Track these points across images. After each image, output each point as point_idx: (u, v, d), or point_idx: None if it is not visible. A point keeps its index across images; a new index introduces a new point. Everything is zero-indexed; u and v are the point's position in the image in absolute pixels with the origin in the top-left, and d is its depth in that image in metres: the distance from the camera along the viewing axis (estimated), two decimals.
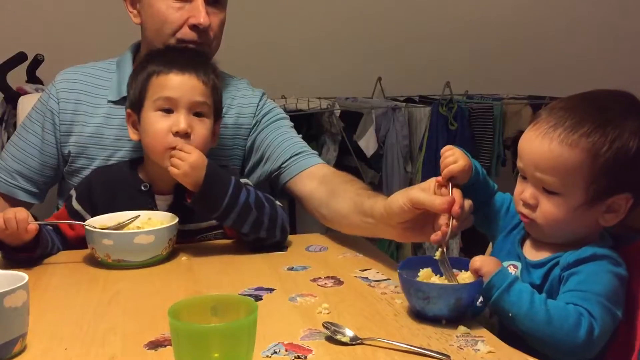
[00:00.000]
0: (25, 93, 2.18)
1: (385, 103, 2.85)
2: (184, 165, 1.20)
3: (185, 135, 1.26)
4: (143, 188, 1.34)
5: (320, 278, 1.13)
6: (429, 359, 0.82)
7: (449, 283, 0.96)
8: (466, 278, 0.96)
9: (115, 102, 1.45)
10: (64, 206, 1.35)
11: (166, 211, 1.32)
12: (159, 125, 1.27)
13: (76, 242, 1.31)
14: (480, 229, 1.16)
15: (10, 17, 2.77)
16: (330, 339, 0.87)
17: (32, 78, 2.45)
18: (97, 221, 1.26)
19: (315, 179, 1.42)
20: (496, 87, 3.11)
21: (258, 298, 1.04)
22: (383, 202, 1.14)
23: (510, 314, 0.92)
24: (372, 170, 2.81)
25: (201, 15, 1.38)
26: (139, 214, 1.28)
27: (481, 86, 3.09)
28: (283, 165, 1.46)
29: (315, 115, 2.73)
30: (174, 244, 1.26)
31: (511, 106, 2.86)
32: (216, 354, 0.74)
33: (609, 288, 0.93)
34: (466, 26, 3.28)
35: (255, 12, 3.03)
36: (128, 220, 1.27)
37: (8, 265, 1.20)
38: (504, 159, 2.87)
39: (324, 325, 0.89)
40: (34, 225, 1.18)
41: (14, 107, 2.13)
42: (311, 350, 0.85)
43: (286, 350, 0.85)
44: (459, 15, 3.28)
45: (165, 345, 0.86)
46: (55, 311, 1.01)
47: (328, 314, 0.97)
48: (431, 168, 2.73)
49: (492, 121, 2.82)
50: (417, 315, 0.95)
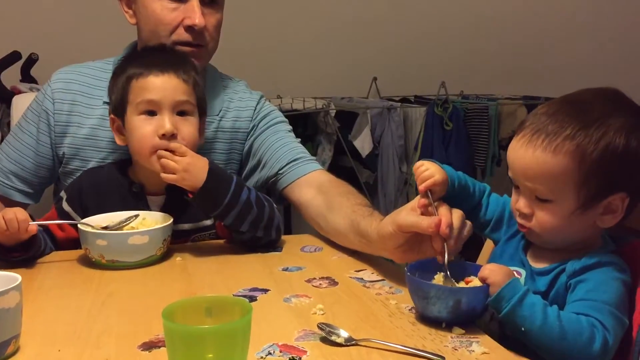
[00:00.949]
0: (20, 92, 2.17)
1: (380, 103, 2.85)
2: (179, 171, 1.19)
3: (171, 136, 1.25)
4: (134, 189, 1.33)
5: (315, 279, 1.13)
6: (423, 359, 0.83)
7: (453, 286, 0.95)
8: (474, 285, 0.95)
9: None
10: (54, 207, 1.35)
11: (158, 212, 1.31)
12: (143, 129, 1.26)
13: (65, 244, 1.31)
14: (478, 233, 1.15)
15: (4, 16, 2.76)
16: (325, 340, 0.87)
17: (27, 77, 2.44)
18: (93, 221, 1.26)
19: (313, 187, 1.41)
20: (491, 88, 3.12)
21: (252, 299, 1.04)
22: (376, 227, 1.12)
23: (522, 329, 0.89)
24: (368, 170, 2.81)
25: (196, 16, 1.37)
26: (138, 213, 1.28)
27: (476, 86, 3.10)
28: (280, 172, 1.45)
29: (311, 115, 2.73)
30: (169, 245, 1.26)
31: (506, 106, 2.87)
32: (210, 355, 0.74)
33: (617, 296, 0.92)
34: (462, 26, 3.29)
35: (251, 13, 3.02)
36: (127, 219, 1.26)
37: (1, 264, 1.19)
38: (499, 159, 2.87)
39: (318, 326, 0.89)
40: (34, 226, 1.18)
41: (8, 107, 2.11)
42: (306, 352, 0.85)
43: (281, 352, 0.84)
44: (455, 15, 3.29)
45: (159, 347, 0.86)
46: (48, 312, 1.01)
47: (323, 314, 0.97)
48: None
49: (488, 121, 2.82)
50: (421, 317, 0.95)
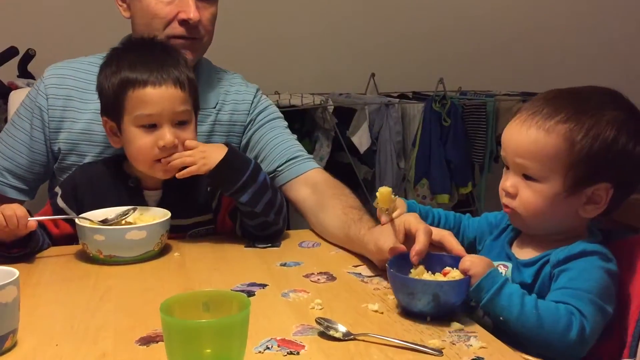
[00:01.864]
0: (17, 88, 2.16)
1: (378, 99, 2.85)
2: (197, 160, 1.21)
3: (173, 147, 1.24)
4: (131, 184, 1.33)
5: (313, 274, 1.13)
6: (421, 354, 0.82)
7: (434, 280, 0.96)
8: (456, 277, 0.95)
9: None
10: (48, 203, 1.34)
11: (156, 207, 1.31)
12: (143, 141, 1.25)
13: (60, 241, 1.30)
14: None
15: (1, 12, 2.75)
16: (323, 335, 0.87)
17: (24, 73, 2.43)
18: (91, 216, 1.25)
19: (309, 186, 1.42)
20: (489, 84, 3.11)
21: (250, 294, 1.04)
22: (371, 238, 1.14)
23: (501, 318, 0.92)
24: (366, 166, 2.80)
25: (191, 10, 1.36)
26: (135, 207, 1.27)
27: (474, 83, 3.10)
28: (278, 169, 1.46)
29: (309, 111, 2.72)
30: (166, 240, 1.26)
31: (504, 102, 2.87)
32: (208, 350, 0.74)
33: (600, 284, 0.93)
34: (460, 23, 3.28)
35: (249, 8, 3.02)
36: (124, 212, 1.26)
37: None
38: (497, 155, 2.87)
39: (316, 321, 0.89)
40: (33, 222, 1.17)
41: (5, 102, 2.10)
42: (304, 346, 0.85)
43: (279, 346, 0.84)
44: (453, 11, 3.28)
45: (157, 341, 0.86)
46: (46, 307, 1.01)
47: (321, 309, 0.97)
48: (424, 164, 2.73)
49: (485, 117, 2.82)
50: (404, 311, 0.95)
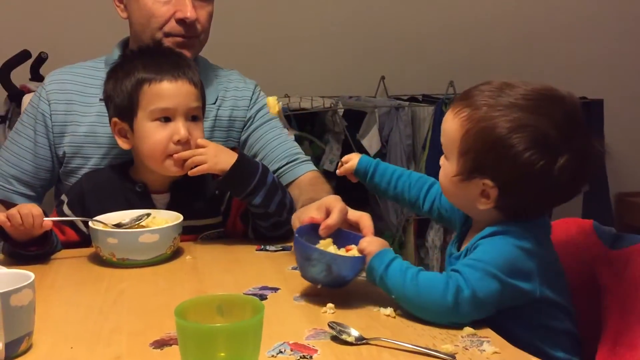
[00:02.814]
0: (29, 91, 2.18)
1: (388, 102, 2.85)
2: (210, 158, 1.24)
3: (186, 142, 1.27)
4: (138, 189, 1.34)
5: None
6: (434, 359, 0.82)
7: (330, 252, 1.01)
8: (355, 254, 1.01)
9: None
10: (55, 211, 1.35)
11: (164, 210, 1.32)
12: (158, 135, 1.27)
13: (65, 248, 1.31)
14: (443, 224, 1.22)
15: (14, 15, 2.77)
16: (336, 339, 0.87)
17: (36, 76, 2.44)
18: (105, 219, 1.26)
19: (300, 187, 1.47)
20: None
21: (263, 297, 1.04)
22: (294, 217, 1.23)
23: (393, 295, 0.96)
24: None
25: (187, 9, 1.39)
26: (149, 212, 1.28)
27: None
28: (280, 171, 1.48)
29: (319, 114, 2.73)
30: (179, 243, 1.26)
31: None
32: (222, 354, 0.75)
33: (502, 257, 0.93)
34: (470, 25, 3.28)
35: (259, 11, 3.03)
36: (138, 217, 1.27)
37: (13, 262, 1.20)
38: None
39: (329, 325, 0.89)
40: (49, 222, 1.19)
41: (18, 105, 2.13)
42: (316, 350, 0.85)
43: (291, 350, 0.85)
44: (463, 14, 3.28)
45: (170, 345, 0.87)
46: (60, 310, 1.01)
47: (333, 313, 0.97)
48: (434, 167, 2.71)
49: None
50: (301, 277, 1.02)
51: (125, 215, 1.28)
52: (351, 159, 1.24)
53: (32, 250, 1.21)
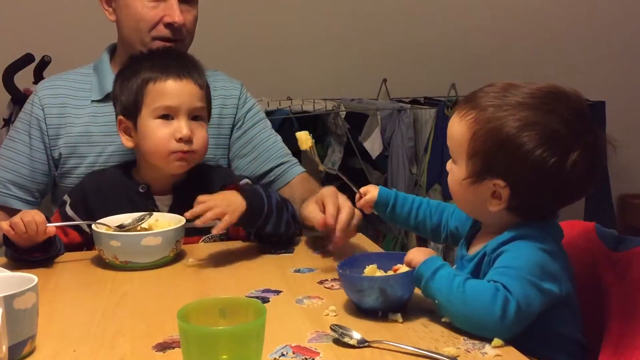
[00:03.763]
0: None
1: (390, 104, 2.85)
2: (225, 207, 1.17)
3: (188, 140, 1.28)
4: (141, 190, 1.35)
5: (326, 280, 1.13)
6: None
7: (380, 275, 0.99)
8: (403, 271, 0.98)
9: (99, 101, 1.50)
10: (57, 212, 1.36)
11: (167, 212, 1.32)
12: (160, 132, 1.29)
13: (68, 249, 1.32)
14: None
15: (17, 19, 2.78)
16: (338, 342, 0.88)
17: (39, 79, 2.45)
18: (108, 221, 1.26)
19: (293, 188, 1.54)
20: None
21: (265, 300, 1.04)
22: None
23: (436, 301, 0.93)
24: (377, 172, 2.81)
25: (175, 14, 1.43)
26: (151, 212, 1.29)
27: None
28: (273, 172, 1.56)
29: (321, 116, 2.73)
30: (181, 246, 1.27)
31: None
32: (225, 356, 0.75)
33: (532, 262, 0.92)
34: (471, 28, 3.28)
35: (261, 13, 3.03)
36: (140, 217, 1.27)
37: (17, 265, 1.21)
38: None
39: (331, 327, 0.89)
40: (52, 228, 1.20)
41: (21, 109, 2.13)
42: (318, 353, 0.85)
43: (294, 353, 0.85)
44: (464, 16, 3.28)
45: (173, 347, 0.87)
46: (63, 313, 1.02)
47: (335, 316, 0.97)
48: (436, 170, 2.72)
49: None
50: (358, 309, 0.97)
51: (127, 217, 1.28)
52: (369, 191, 1.19)
53: (37, 256, 1.21)
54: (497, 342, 0.87)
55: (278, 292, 1.08)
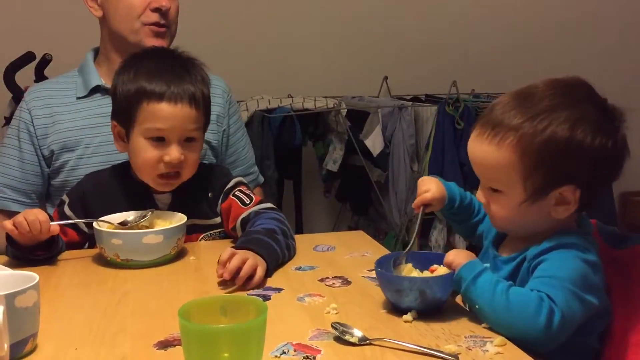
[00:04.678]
0: None
1: (391, 102, 2.84)
2: (255, 260, 1.10)
3: (177, 164, 1.27)
4: (140, 188, 1.34)
5: (328, 278, 1.13)
6: (437, 359, 0.83)
7: (419, 276, 0.98)
8: (442, 273, 0.97)
9: (84, 97, 1.56)
10: (56, 212, 1.36)
11: (166, 210, 1.32)
12: (149, 154, 1.27)
13: (67, 248, 1.32)
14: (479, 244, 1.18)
15: (18, 17, 2.78)
16: (339, 340, 0.88)
17: (41, 77, 2.45)
18: (110, 219, 1.27)
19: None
20: (502, 86, 3.06)
21: (266, 298, 1.04)
22: None
23: (476, 306, 0.92)
24: (379, 169, 2.81)
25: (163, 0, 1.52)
26: (152, 210, 1.29)
27: (488, 85, 3.08)
28: (251, 173, 1.69)
29: (322, 114, 2.73)
30: (183, 244, 1.27)
31: None
32: (226, 354, 0.75)
33: (576, 273, 0.92)
34: (473, 25, 3.27)
35: (262, 12, 3.03)
36: (142, 215, 1.28)
37: (18, 263, 1.21)
38: None
39: (332, 325, 0.89)
40: (55, 226, 1.21)
41: None
42: (320, 351, 0.85)
43: (295, 351, 0.85)
44: (466, 14, 3.27)
45: (174, 345, 0.87)
46: (65, 311, 1.02)
47: (336, 314, 0.97)
48: (437, 167, 2.72)
49: None
50: (393, 307, 0.97)
51: (129, 214, 1.29)
52: (430, 189, 1.11)
53: (39, 254, 1.22)
54: (500, 341, 0.87)
55: (279, 290, 1.08)
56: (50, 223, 1.19)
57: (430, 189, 1.11)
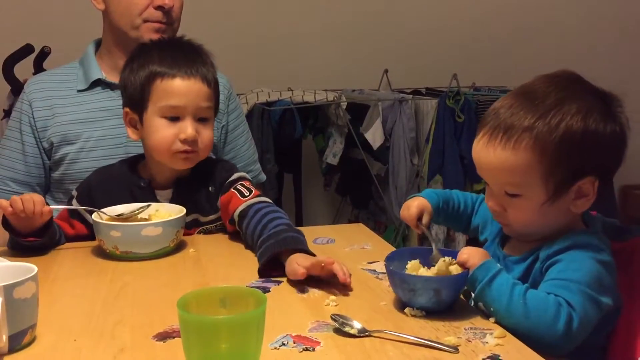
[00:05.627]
0: None
1: (391, 95, 2.84)
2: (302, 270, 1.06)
3: (193, 141, 1.28)
4: (142, 184, 1.35)
5: None
6: (437, 351, 0.82)
7: (433, 275, 0.96)
8: (454, 270, 0.96)
9: (85, 90, 1.56)
10: (65, 211, 1.36)
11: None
12: (165, 132, 1.28)
13: (75, 242, 1.31)
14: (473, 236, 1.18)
15: (17, 9, 2.77)
16: (339, 331, 0.87)
17: (39, 70, 2.44)
18: (108, 211, 1.27)
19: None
20: (503, 79, 3.09)
21: (266, 290, 1.04)
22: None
23: (492, 309, 0.91)
24: (379, 163, 2.80)
25: None
26: (149, 204, 1.29)
27: (488, 78, 3.08)
28: (251, 170, 1.66)
29: (322, 107, 2.72)
30: (182, 236, 1.27)
31: None
32: (225, 346, 0.75)
33: (591, 275, 0.91)
34: (473, 18, 3.27)
35: (262, 5, 3.02)
36: (138, 210, 1.27)
37: (16, 254, 1.21)
38: None
39: (332, 317, 0.89)
40: (48, 208, 1.21)
41: None
42: (319, 342, 0.85)
43: (294, 342, 0.85)
44: (466, 7, 3.26)
45: (173, 337, 0.87)
46: (64, 303, 1.02)
47: (336, 306, 0.97)
48: (437, 160, 2.72)
49: None
50: (404, 306, 0.95)
51: (127, 207, 1.28)
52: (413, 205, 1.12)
53: (31, 240, 1.21)
54: (499, 333, 0.87)
55: (279, 282, 1.08)
56: (46, 206, 1.19)
57: (410, 205, 1.12)
